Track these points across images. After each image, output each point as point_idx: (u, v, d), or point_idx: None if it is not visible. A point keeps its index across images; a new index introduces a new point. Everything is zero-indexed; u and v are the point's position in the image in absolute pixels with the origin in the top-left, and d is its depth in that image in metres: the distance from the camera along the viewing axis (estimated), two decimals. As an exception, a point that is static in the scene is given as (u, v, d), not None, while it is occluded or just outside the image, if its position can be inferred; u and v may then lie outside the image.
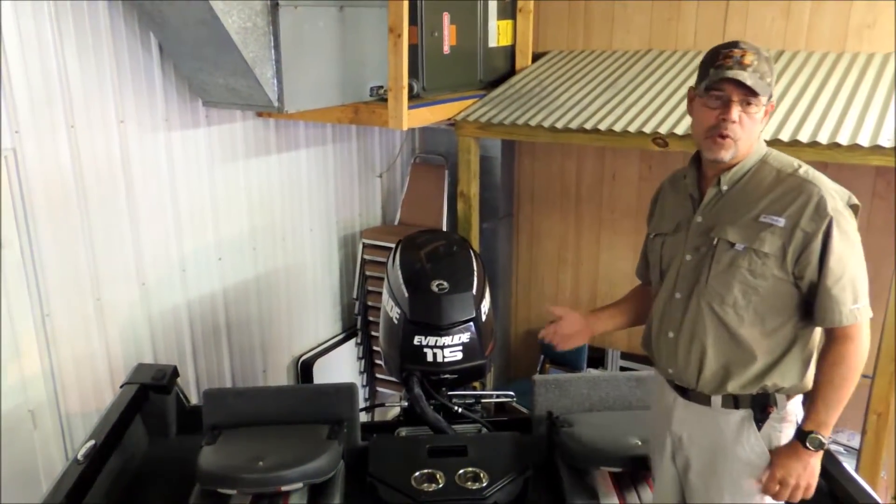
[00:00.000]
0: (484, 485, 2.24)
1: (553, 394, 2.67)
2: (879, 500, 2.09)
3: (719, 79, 1.71)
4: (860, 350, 1.74)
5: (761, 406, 1.82)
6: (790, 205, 1.73)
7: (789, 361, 1.81)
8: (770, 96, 1.75)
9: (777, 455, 1.81)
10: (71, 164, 2.79)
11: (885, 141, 2.79)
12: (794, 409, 1.85)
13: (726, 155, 1.77)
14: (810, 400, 1.78)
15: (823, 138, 2.88)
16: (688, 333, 1.87)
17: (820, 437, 1.75)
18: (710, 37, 3.94)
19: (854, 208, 1.76)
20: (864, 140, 2.82)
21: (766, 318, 1.79)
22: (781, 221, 1.73)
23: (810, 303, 1.76)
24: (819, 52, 3.63)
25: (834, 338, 1.76)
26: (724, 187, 1.82)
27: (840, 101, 3.16)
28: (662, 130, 3.20)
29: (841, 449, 3.45)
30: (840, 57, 3.56)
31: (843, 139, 2.85)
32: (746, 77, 1.69)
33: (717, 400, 1.85)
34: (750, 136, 1.77)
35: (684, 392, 1.92)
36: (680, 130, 3.16)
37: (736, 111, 1.72)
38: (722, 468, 1.86)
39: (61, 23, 2.68)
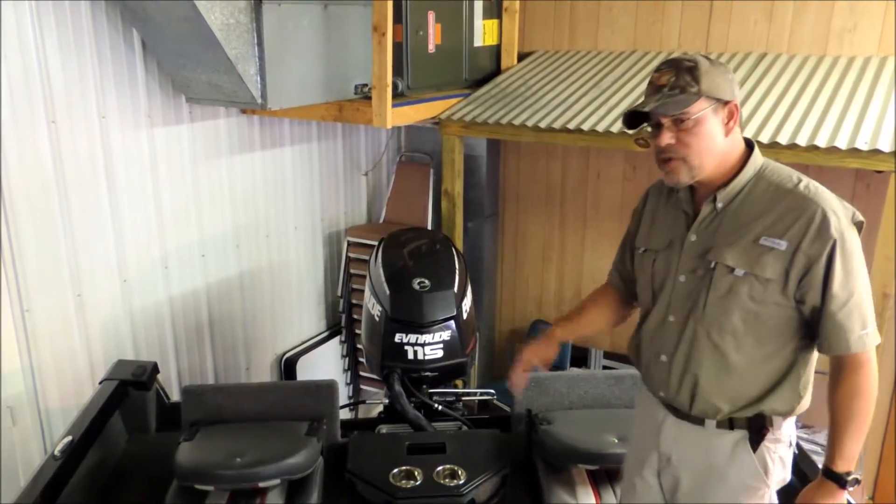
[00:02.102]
0: (461, 482, 2.26)
1: (533, 392, 2.68)
2: (853, 501, 2.11)
3: (632, 112, 1.69)
4: (872, 377, 1.64)
5: (758, 428, 1.74)
6: (792, 225, 1.62)
7: (788, 385, 1.73)
8: (711, 100, 1.63)
9: (807, 495, 1.73)
10: (51, 159, 2.78)
11: (863, 144, 2.82)
12: (787, 431, 1.78)
13: (682, 178, 1.70)
14: (832, 436, 1.68)
15: (802, 140, 2.91)
16: (682, 359, 1.79)
17: (856, 476, 1.65)
18: (694, 38, 3.97)
19: (858, 225, 1.64)
20: (843, 143, 2.85)
21: (765, 343, 1.71)
22: (783, 244, 1.62)
23: (812, 326, 1.67)
24: (800, 56, 3.67)
25: (843, 366, 1.65)
26: (720, 205, 1.72)
27: (820, 105, 3.18)
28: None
29: (817, 448, 3.47)
30: (821, 60, 3.59)
31: (822, 142, 2.88)
32: (651, 103, 1.65)
33: (711, 421, 1.78)
34: (707, 150, 1.66)
35: (676, 411, 1.83)
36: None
37: (667, 136, 1.66)
38: (715, 490, 1.78)
39: (42, 18, 2.68)
